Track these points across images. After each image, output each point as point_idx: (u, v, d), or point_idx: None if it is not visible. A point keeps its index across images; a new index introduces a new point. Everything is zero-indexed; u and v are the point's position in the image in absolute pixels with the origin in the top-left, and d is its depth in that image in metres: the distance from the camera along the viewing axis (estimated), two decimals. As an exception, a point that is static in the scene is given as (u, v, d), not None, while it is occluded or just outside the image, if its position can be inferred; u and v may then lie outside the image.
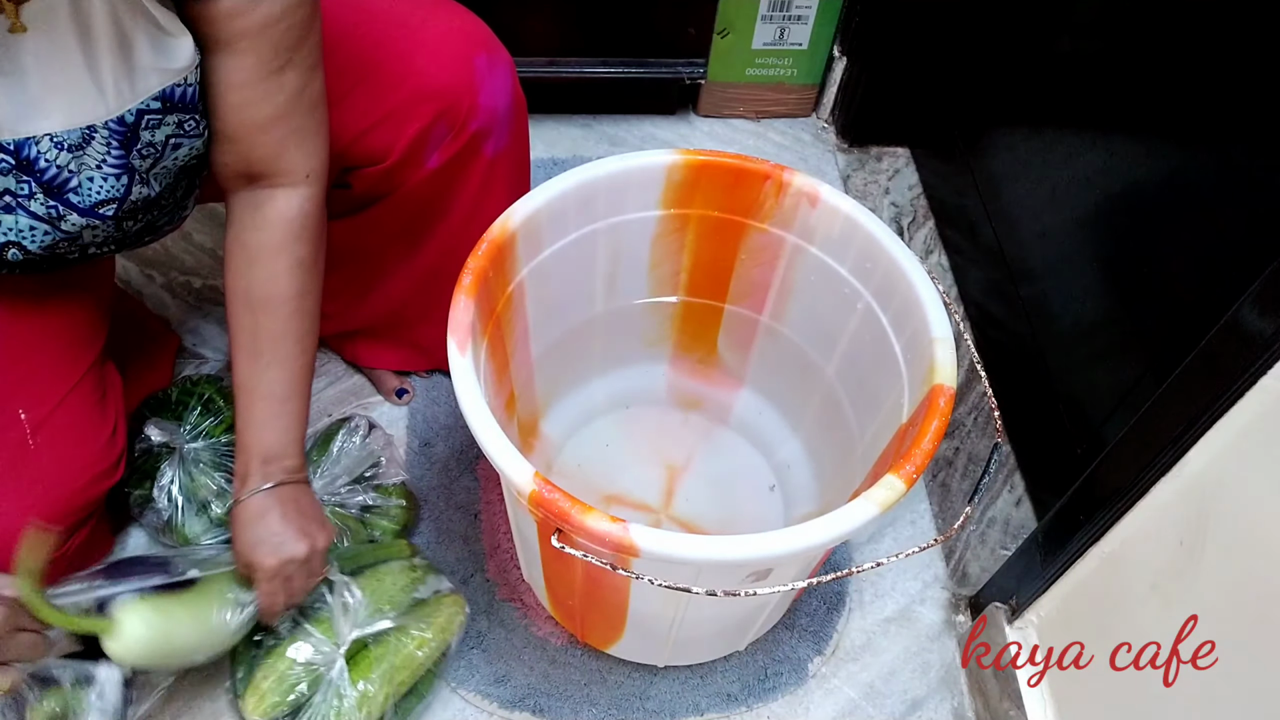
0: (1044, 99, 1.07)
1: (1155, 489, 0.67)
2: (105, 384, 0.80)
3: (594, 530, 0.61)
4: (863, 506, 0.63)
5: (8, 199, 0.62)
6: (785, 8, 1.30)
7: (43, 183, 0.62)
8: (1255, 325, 0.57)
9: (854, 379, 0.88)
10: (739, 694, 0.92)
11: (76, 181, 0.63)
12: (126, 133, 0.63)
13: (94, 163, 0.63)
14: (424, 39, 0.80)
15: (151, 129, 0.64)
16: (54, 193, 0.63)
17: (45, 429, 0.73)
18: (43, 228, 0.64)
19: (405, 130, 0.81)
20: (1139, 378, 0.84)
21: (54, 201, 0.63)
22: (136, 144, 0.64)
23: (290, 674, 0.78)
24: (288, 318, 0.73)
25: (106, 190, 0.65)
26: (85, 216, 0.65)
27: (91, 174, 0.63)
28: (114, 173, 0.64)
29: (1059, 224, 1.02)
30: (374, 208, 0.89)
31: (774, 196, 0.84)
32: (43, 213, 0.63)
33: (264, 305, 0.72)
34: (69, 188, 0.63)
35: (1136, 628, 0.70)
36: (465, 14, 0.84)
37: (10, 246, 0.64)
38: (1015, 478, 1.06)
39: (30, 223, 0.64)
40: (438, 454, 1.06)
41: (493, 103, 0.84)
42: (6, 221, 0.63)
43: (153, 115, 0.63)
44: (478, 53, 0.82)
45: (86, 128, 0.61)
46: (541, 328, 0.90)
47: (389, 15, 0.81)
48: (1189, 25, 0.82)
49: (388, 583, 0.85)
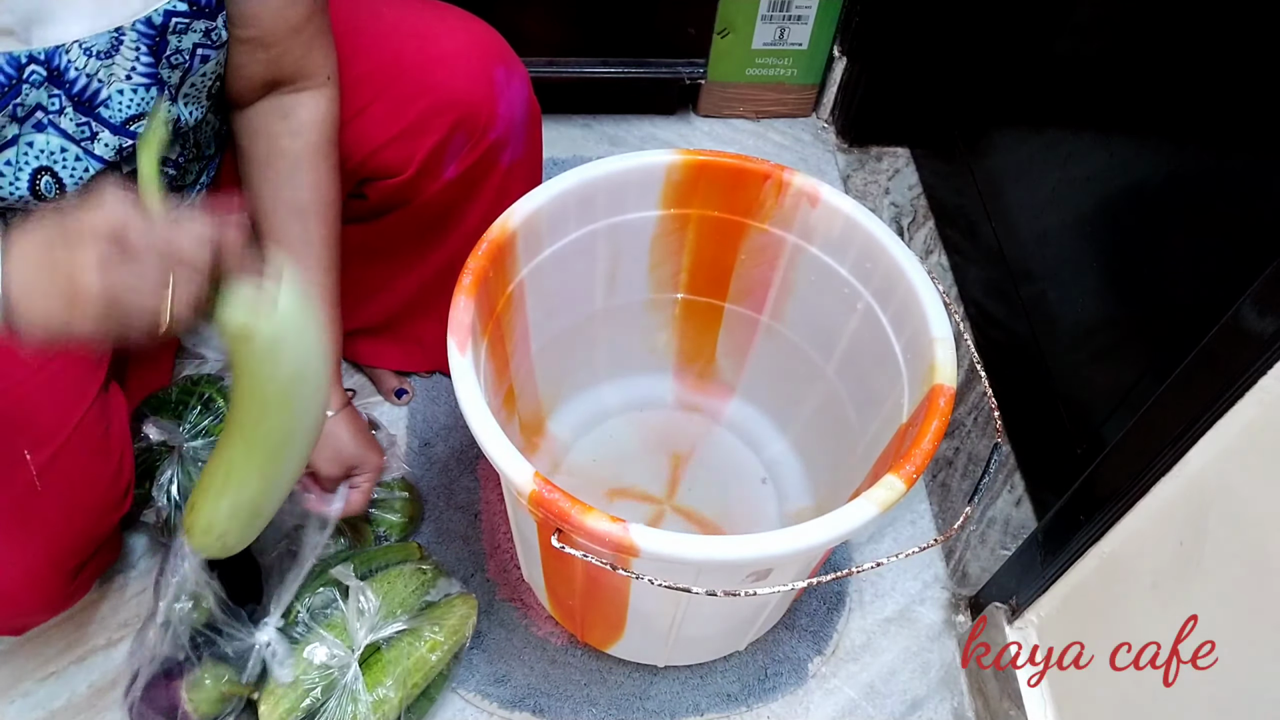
0: (1044, 99, 1.07)
1: (1155, 489, 0.67)
2: (110, 414, 0.79)
3: (594, 530, 0.61)
4: (863, 506, 0.63)
5: (39, 115, 0.60)
6: (785, 8, 1.30)
7: (72, 95, 0.60)
8: (1255, 325, 0.56)
9: (854, 379, 0.88)
10: (739, 694, 0.92)
11: (106, 93, 0.62)
12: (155, 36, 0.62)
13: (123, 72, 0.62)
14: (442, 52, 0.80)
15: (179, 33, 0.63)
16: (84, 106, 0.61)
17: (52, 470, 0.70)
18: (74, 151, 0.62)
19: (424, 142, 0.81)
20: (1139, 378, 0.84)
21: (85, 117, 0.62)
22: (165, 50, 0.63)
23: (305, 678, 0.78)
24: (335, 221, 0.74)
25: (136, 103, 0.63)
26: (117, 135, 0.63)
27: (121, 85, 0.62)
28: (143, 83, 0.63)
29: (1059, 224, 1.02)
30: (388, 216, 0.90)
31: (774, 196, 0.84)
32: (73, 130, 0.62)
33: (315, 211, 0.72)
34: (99, 100, 0.62)
35: (1136, 628, 0.70)
36: (481, 26, 0.84)
37: (43, 173, 0.62)
38: (1015, 478, 1.06)
39: (62, 143, 0.62)
40: (438, 454, 1.06)
41: (510, 113, 0.84)
42: (38, 142, 0.61)
43: (180, 18, 0.62)
44: (495, 64, 0.82)
45: (115, 31, 0.60)
46: (542, 327, 0.90)
47: (406, 29, 0.81)
48: (1189, 25, 0.82)
49: (399, 586, 0.85)
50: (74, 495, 0.72)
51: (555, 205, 0.80)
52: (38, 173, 0.62)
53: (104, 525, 0.75)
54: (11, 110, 0.58)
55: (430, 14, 0.82)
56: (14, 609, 0.70)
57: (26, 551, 0.69)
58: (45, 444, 0.71)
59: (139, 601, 0.94)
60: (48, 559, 0.69)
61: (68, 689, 0.89)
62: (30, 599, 0.70)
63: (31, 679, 0.89)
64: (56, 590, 0.72)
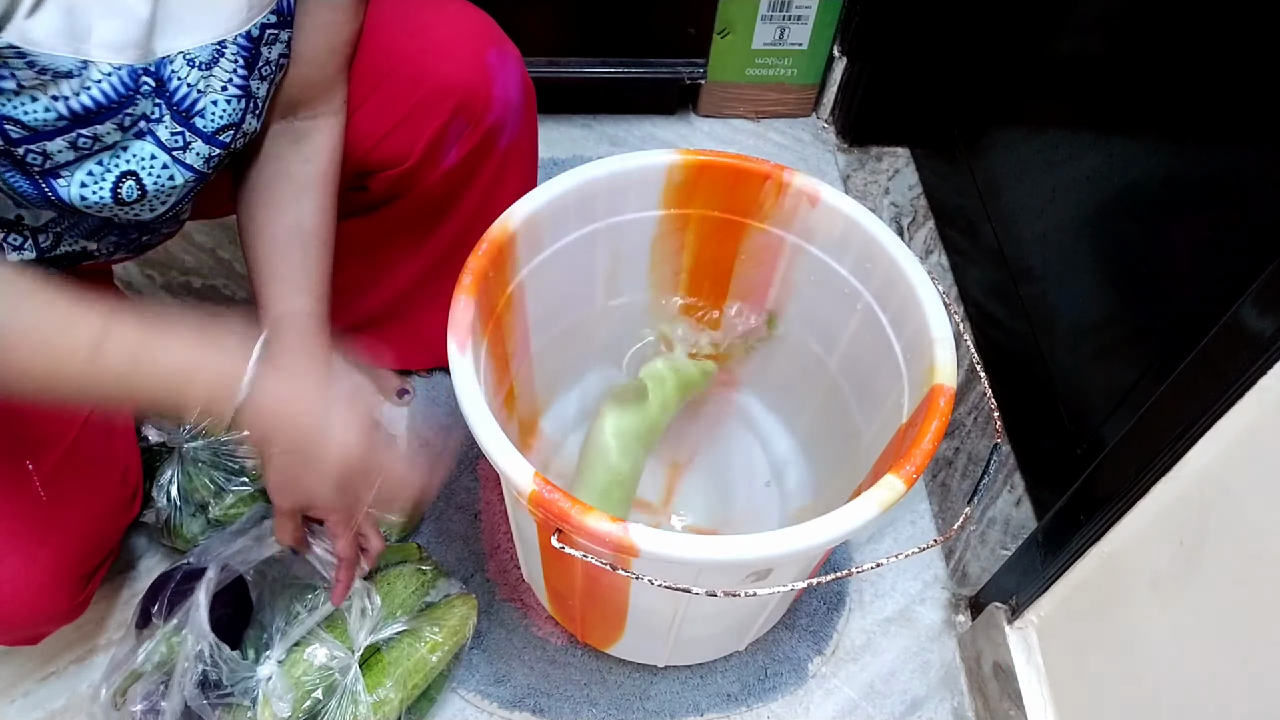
0: (1044, 99, 1.07)
1: (1155, 489, 0.67)
2: (112, 418, 0.79)
3: (594, 530, 0.61)
4: (863, 506, 0.63)
5: (141, 124, 0.61)
6: (785, 8, 1.30)
7: (172, 105, 0.61)
8: (1255, 325, 0.56)
9: (855, 378, 0.88)
10: (739, 694, 0.92)
11: (203, 104, 0.63)
12: (251, 49, 0.63)
13: (219, 84, 0.63)
14: (435, 39, 0.81)
15: (269, 44, 0.64)
16: (181, 116, 0.62)
17: (56, 480, 0.70)
18: (164, 158, 0.63)
19: (424, 130, 0.81)
20: (1139, 378, 0.84)
21: (180, 126, 0.62)
22: (258, 62, 0.64)
23: (305, 679, 0.78)
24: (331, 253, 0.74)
25: (226, 115, 0.64)
26: (208, 144, 0.64)
27: (216, 96, 0.63)
28: (236, 94, 0.64)
29: (1059, 224, 1.02)
30: (386, 207, 0.90)
31: (774, 196, 0.84)
32: (168, 139, 0.62)
33: (316, 237, 0.72)
34: (196, 110, 0.62)
35: (1136, 628, 0.70)
36: (472, 10, 0.84)
37: (128, 177, 0.62)
38: (1015, 478, 1.06)
39: (154, 150, 0.62)
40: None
41: (506, 94, 0.84)
42: (134, 147, 0.61)
43: (271, 29, 0.63)
44: (488, 47, 0.82)
45: (218, 43, 0.61)
46: (542, 327, 0.90)
47: (398, 21, 0.81)
48: (1189, 25, 0.82)
49: (399, 586, 0.85)
50: (81, 502, 0.72)
51: (555, 205, 0.80)
52: (123, 176, 0.62)
53: (113, 531, 0.75)
54: (121, 119, 0.59)
55: (424, 4, 0.83)
56: (27, 618, 0.69)
57: (36, 561, 0.68)
58: (48, 453, 0.70)
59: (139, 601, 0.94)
60: (58, 567, 0.69)
61: (68, 689, 0.89)
62: (43, 608, 0.70)
63: (31, 679, 0.89)
64: (68, 598, 0.72)
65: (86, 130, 0.57)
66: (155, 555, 0.97)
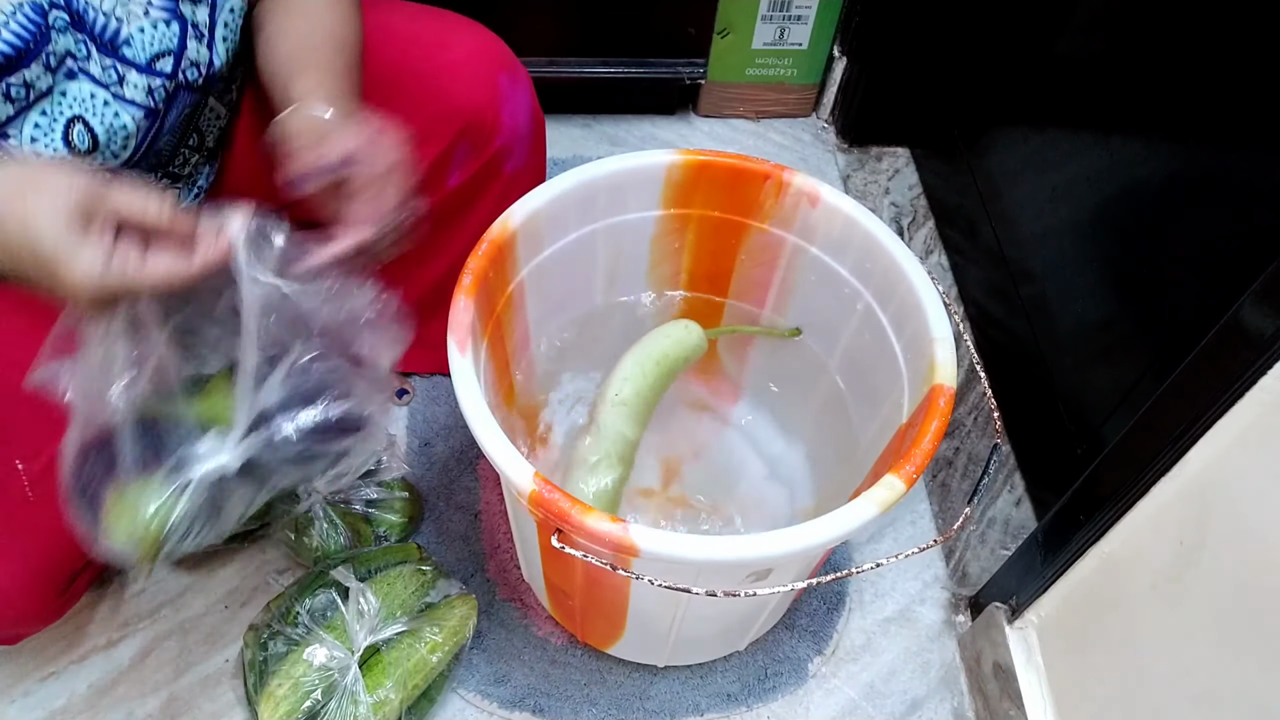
0: (1044, 99, 1.07)
1: (1155, 489, 0.67)
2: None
3: (594, 530, 0.61)
4: (863, 506, 0.63)
5: (70, 63, 0.60)
6: (785, 8, 1.30)
7: (95, 37, 0.61)
8: (1255, 325, 0.56)
9: (855, 378, 0.88)
10: (739, 694, 0.92)
11: (127, 32, 0.62)
12: None
13: (139, 9, 0.62)
14: (446, 60, 0.80)
15: None
16: (107, 48, 0.61)
17: (45, 480, 0.69)
18: (103, 95, 0.62)
19: (428, 151, 0.81)
20: (1139, 378, 0.84)
21: (110, 59, 0.62)
22: None
23: (305, 680, 0.78)
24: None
25: (159, 41, 0.64)
26: (144, 75, 0.63)
27: (141, 23, 0.62)
28: (163, 18, 0.63)
29: (1059, 224, 1.02)
30: None
31: (774, 196, 0.84)
32: (101, 75, 0.62)
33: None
34: (120, 39, 0.62)
35: (1136, 628, 0.70)
36: (485, 33, 0.84)
37: (75, 123, 0.61)
38: (1015, 478, 1.06)
39: (92, 89, 0.62)
40: (438, 454, 1.06)
41: (514, 121, 0.84)
42: (71, 90, 0.61)
43: None
44: (499, 72, 0.82)
45: None
46: (542, 327, 0.90)
47: (411, 37, 0.81)
48: (1189, 25, 0.82)
49: (399, 587, 0.85)
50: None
51: (555, 205, 0.80)
52: (70, 123, 0.61)
53: None
54: (45, 59, 0.58)
55: (436, 23, 0.82)
56: (8, 618, 0.69)
57: (20, 562, 0.68)
58: (38, 453, 0.70)
59: (139, 601, 0.94)
60: (41, 569, 0.69)
61: (68, 689, 0.89)
62: (24, 609, 0.69)
63: (31, 679, 0.89)
64: (50, 600, 0.71)
65: (14, 78, 0.56)
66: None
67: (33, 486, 0.69)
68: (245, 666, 0.84)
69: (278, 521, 0.93)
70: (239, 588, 0.96)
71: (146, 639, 0.92)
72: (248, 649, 0.84)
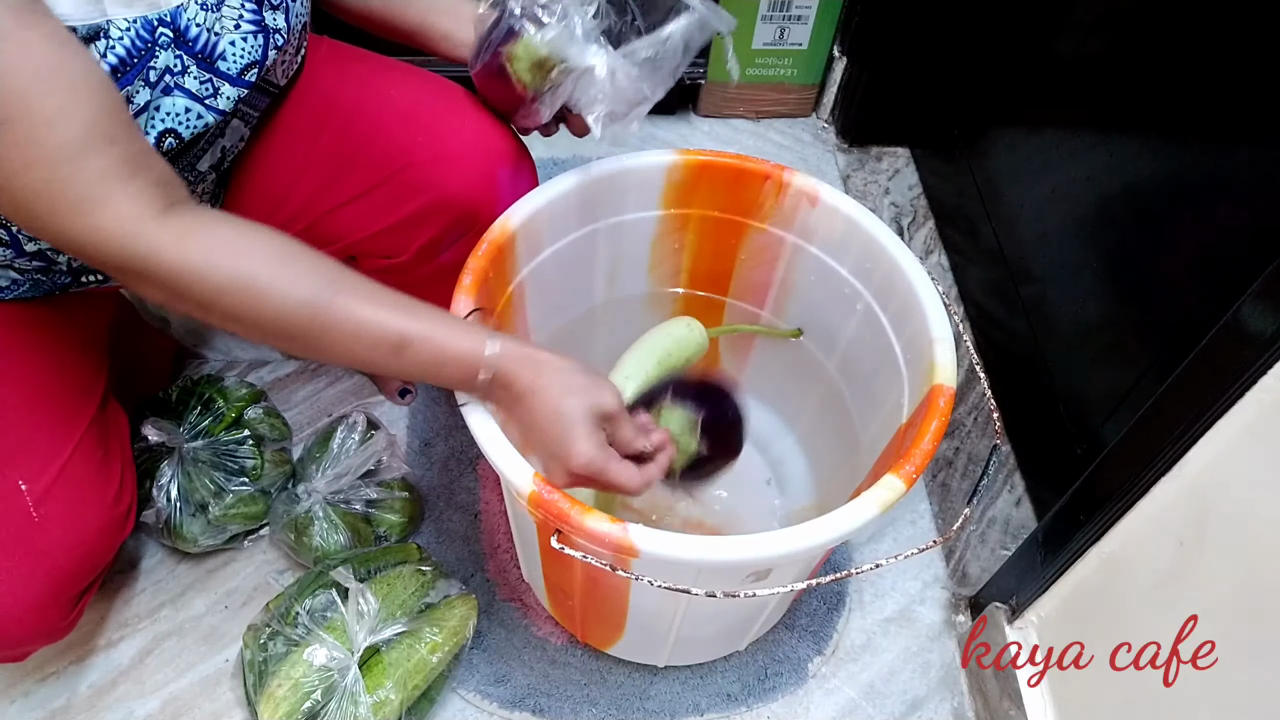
0: (1044, 99, 1.07)
1: (1155, 489, 0.67)
2: (109, 434, 0.78)
3: (593, 531, 0.61)
4: (863, 507, 0.63)
5: (167, 79, 0.62)
6: (785, 8, 1.30)
7: (195, 53, 0.63)
8: (1255, 325, 0.56)
9: (854, 378, 0.88)
10: (739, 694, 0.92)
11: (222, 46, 0.64)
12: None
13: (231, 22, 0.65)
14: (448, 149, 0.79)
15: None
16: (205, 62, 0.64)
17: (49, 500, 0.70)
18: (197, 109, 0.65)
19: (419, 235, 0.81)
20: (1139, 378, 0.84)
21: (206, 73, 0.64)
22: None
23: (305, 681, 0.78)
24: None
25: (247, 53, 0.66)
26: (235, 86, 0.66)
27: (232, 36, 0.65)
28: (251, 31, 0.66)
29: (1059, 224, 1.02)
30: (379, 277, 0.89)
31: (774, 196, 0.84)
32: (197, 89, 0.64)
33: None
34: (216, 53, 0.64)
35: (1136, 628, 0.70)
36: (491, 123, 0.81)
37: (167, 135, 0.64)
38: (1015, 478, 1.06)
39: (187, 103, 0.64)
40: (438, 454, 1.06)
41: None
42: (165, 105, 0.63)
43: None
44: (501, 167, 0.80)
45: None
46: (542, 327, 0.90)
47: (416, 120, 0.79)
48: (1189, 25, 0.82)
49: (399, 587, 0.85)
50: (74, 523, 0.71)
51: (555, 205, 0.80)
52: (163, 135, 0.64)
53: (105, 550, 0.74)
54: (146, 75, 0.60)
55: (441, 104, 0.80)
56: (16, 638, 0.69)
57: (28, 582, 0.68)
58: (41, 473, 0.70)
59: (139, 601, 0.94)
60: (49, 588, 0.69)
61: (68, 689, 0.89)
62: (33, 628, 0.69)
63: (31, 679, 0.89)
64: (58, 618, 0.71)
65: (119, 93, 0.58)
66: (155, 555, 0.97)
67: (37, 506, 0.69)
68: (245, 666, 0.84)
69: (278, 521, 0.93)
70: (239, 588, 0.96)
71: (146, 639, 0.92)
72: (247, 649, 0.84)
